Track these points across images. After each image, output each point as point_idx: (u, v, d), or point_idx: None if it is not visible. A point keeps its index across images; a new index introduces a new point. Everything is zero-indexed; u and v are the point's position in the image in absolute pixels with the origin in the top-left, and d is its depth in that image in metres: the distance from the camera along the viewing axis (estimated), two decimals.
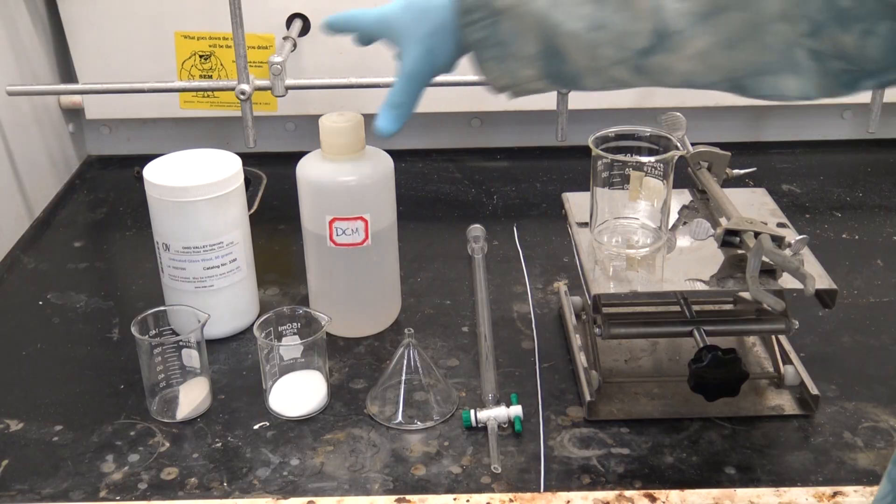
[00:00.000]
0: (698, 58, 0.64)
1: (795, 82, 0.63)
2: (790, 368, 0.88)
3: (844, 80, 0.62)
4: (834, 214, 1.25)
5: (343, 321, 0.96)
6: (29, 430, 0.87)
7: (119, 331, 1.02)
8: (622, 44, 0.65)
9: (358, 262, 0.94)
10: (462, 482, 0.79)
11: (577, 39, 0.67)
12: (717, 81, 0.65)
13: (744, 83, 0.65)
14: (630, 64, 0.66)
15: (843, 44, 0.60)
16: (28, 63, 1.29)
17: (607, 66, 0.67)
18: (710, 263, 0.84)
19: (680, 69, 0.65)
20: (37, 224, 1.27)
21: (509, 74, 0.71)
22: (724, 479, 0.79)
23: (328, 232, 0.92)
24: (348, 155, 0.91)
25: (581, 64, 0.68)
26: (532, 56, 0.69)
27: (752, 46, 0.62)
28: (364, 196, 0.92)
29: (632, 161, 0.84)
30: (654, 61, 0.65)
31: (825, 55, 0.61)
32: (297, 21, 1.28)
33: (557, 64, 0.69)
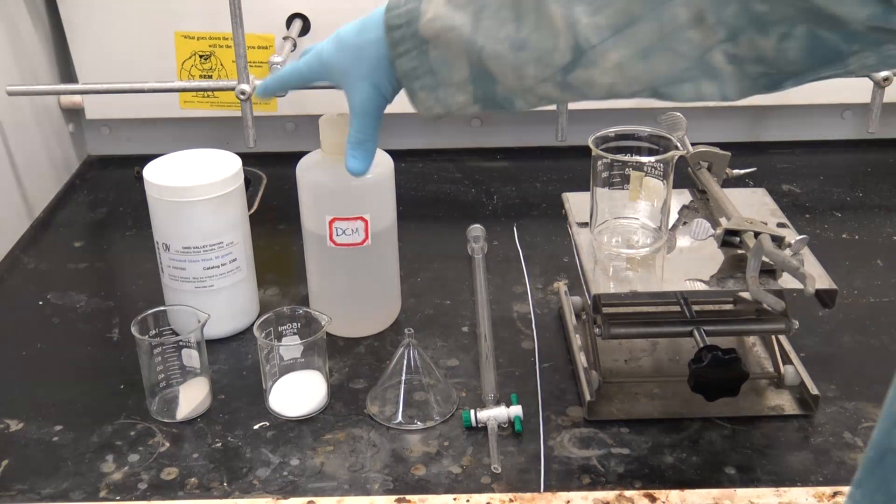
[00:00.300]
0: (617, 69, 0.66)
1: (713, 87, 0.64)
2: (790, 368, 0.88)
3: (764, 83, 0.64)
4: (834, 214, 1.25)
5: (343, 321, 0.96)
6: (29, 430, 0.87)
7: (119, 331, 1.02)
8: (544, 61, 0.67)
9: (358, 262, 0.94)
10: (462, 482, 0.79)
11: (502, 60, 0.68)
12: (638, 91, 0.67)
13: (663, 91, 0.66)
14: (555, 80, 0.68)
15: (761, 48, 0.61)
16: (28, 63, 1.29)
17: (534, 84, 0.69)
18: (710, 263, 0.84)
19: (602, 82, 0.67)
20: (37, 224, 1.27)
21: (441, 103, 0.73)
22: (724, 479, 0.79)
23: (328, 232, 0.92)
24: None
25: (510, 84, 0.70)
26: (463, 81, 0.71)
27: (666, 55, 0.64)
28: (364, 196, 0.91)
29: (632, 161, 0.84)
30: (577, 76, 0.67)
31: (744, 59, 0.62)
32: (297, 21, 1.28)
33: (488, 87, 0.71)
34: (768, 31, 0.60)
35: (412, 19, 0.71)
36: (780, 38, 0.60)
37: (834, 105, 1.42)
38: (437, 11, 0.70)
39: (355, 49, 0.75)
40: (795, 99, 1.39)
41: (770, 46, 0.61)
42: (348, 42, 0.75)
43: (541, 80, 0.69)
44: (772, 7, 0.59)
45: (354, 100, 0.77)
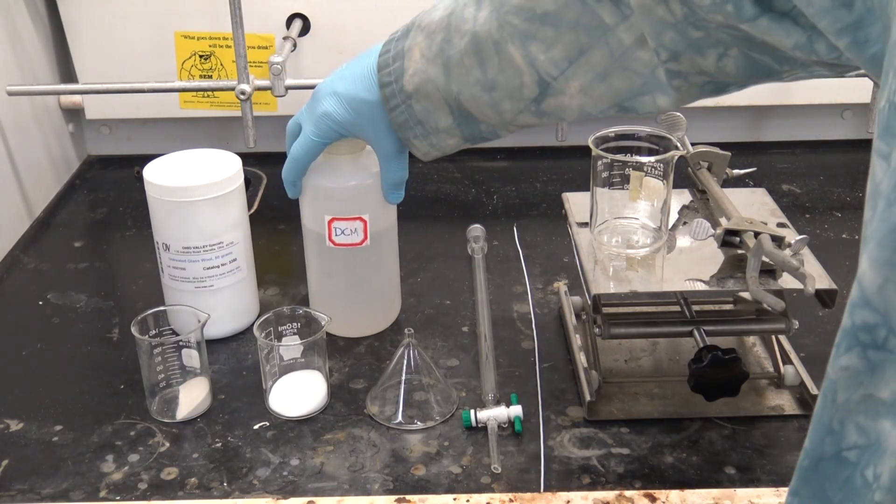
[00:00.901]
0: (582, 93, 0.72)
1: (666, 98, 0.70)
2: (790, 368, 0.88)
3: (710, 89, 0.70)
4: (834, 214, 1.25)
5: (343, 321, 0.96)
6: (29, 430, 0.87)
7: (119, 331, 1.02)
8: (516, 97, 0.74)
9: (357, 262, 0.94)
10: (462, 482, 0.79)
11: (479, 101, 0.75)
12: (606, 108, 0.73)
13: (627, 105, 0.72)
14: (530, 111, 0.74)
15: (702, 65, 0.66)
16: (28, 63, 1.29)
17: (513, 117, 0.76)
18: (710, 263, 0.84)
19: (573, 105, 0.73)
20: (37, 224, 1.27)
21: (435, 148, 0.81)
22: (724, 479, 0.79)
23: (327, 232, 0.92)
24: (349, 154, 0.91)
25: (492, 121, 0.77)
26: (449, 127, 0.78)
27: (622, 74, 0.70)
28: (363, 196, 0.91)
29: (632, 161, 0.84)
30: (549, 104, 0.73)
31: (688, 73, 0.68)
32: (297, 21, 1.28)
33: (472, 126, 0.78)
34: (705, 52, 0.65)
35: (398, 76, 0.77)
36: (718, 58, 0.65)
37: (834, 105, 1.42)
38: (416, 67, 0.76)
39: (371, 106, 0.80)
40: (795, 99, 1.39)
41: (710, 63, 0.66)
42: (361, 101, 0.80)
43: (518, 113, 0.75)
44: (706, 33, 0.64)
45: (385, 148, 0.84)
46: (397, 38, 0.79)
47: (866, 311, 0.40)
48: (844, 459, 0.43)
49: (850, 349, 0.41)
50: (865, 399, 0.41)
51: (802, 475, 0.45)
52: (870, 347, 0.40)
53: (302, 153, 0.86)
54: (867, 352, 0.41)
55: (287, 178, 0.89)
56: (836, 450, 0.43)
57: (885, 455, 0.40)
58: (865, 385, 0.41)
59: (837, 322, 0.41)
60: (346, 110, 0.82)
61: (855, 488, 0.42)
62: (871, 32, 0.45)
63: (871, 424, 0.41)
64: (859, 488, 0.42)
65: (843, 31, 0.46)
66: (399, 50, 0.77)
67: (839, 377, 0.42)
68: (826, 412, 0.43)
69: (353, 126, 0.83)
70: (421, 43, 0.76)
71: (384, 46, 0.80)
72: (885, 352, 0.40)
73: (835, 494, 0.43)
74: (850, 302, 0.41)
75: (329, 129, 0.83)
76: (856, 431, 0.42)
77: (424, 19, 0.77)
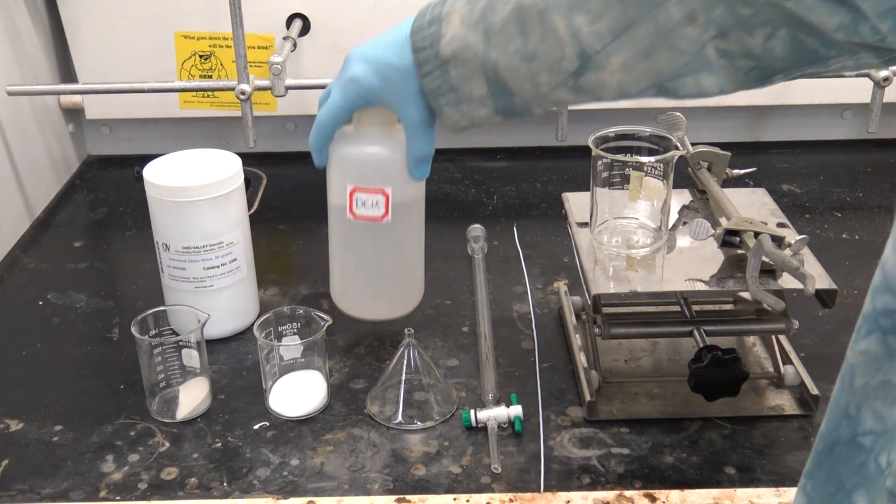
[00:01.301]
0: (623, 70, 0.69)
1: (711, 79, 0.68)
2: (790, 368, 0.88)
3: (756, 77, 0.67)
4: (834, 214, 1.25)
5: (361, 302, 0.94)
6: (29, 430, 0.87)
7: (119, 331, 1.02)
8: (555, 69, 0.71)
9: (377, 238, 0.91)
10: (462, 482, 0.79)
11: (517, 72, 0.73)
12: (645, 88, 0.70)
13: (668, 86, 0.70)
14: (568, 85, 0.72)
15: (749, 45, 0.65)
16: (28, 63, 1.29)
17: (548, 91, 0.73)
18: (710, 263, 0.84)
19: (612, 82, 0.71)
20: (37, 224, 1.27)
21: (466, 117, 0.78)
22: (724, 479, 0.79)
23: (348, 203, 0.89)
24: (379, 127, 0.88)
25: (526, 94, 0.74)
26: (483, 96, 0.76)
27: (667, 52, 0.67)
28: (387, 168, 0.88)
29: (632, 161, 0.84)
30: (587, 79, 0.71)
31: (735, 55, 0.66)
32: (297, 21, 1.28)
33: (506, 98, 0.76)
34: (753, 31, 0.64)
35: (434, 41, 0.75)
36: (766, 38, 0.64)
37: (834, 105, 1.42)
38: (455, 32, 0.74)
39: (399, 72, 0.78)
40: (795, 99, 1.39)
41: (757, 44, 0.64)
42: (391, 66, 0.78)
43: (554, 87, 0.72)
44: (755, 11, 0.63)
45: (413, 116, 0.81)
46: (434, 4, 0.77)
47: (888, 297, 0.40)
48: (859, 445, 0.43)
49: (870, 333, 0.41)
50: (883, 385, 0.41)
51: (817, 458, 0.45)
52: (890, 333, 0.40)
53: (328, 118, 0.84)
54: (887, 337, 0.41)
55: (313, 144, 0.86)
56: (852, 434, 0.43)
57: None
58: (884, 370, 0.41)
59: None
60: (374, 76, 0.80)
61: (868, 474, 0.42)
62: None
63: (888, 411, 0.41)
64: (872, 474, 0.42)
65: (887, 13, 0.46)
66: (436, 15, 0.75)
67: (858, 361, 0.42)
68: (843, 396, 0.43)
69: (381, 92, 0.80)
70: (461, 9, 0.74)
71: (419, 12, 0.77)
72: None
73: (848, 479, 0.43)
74: (873, 287, 0.41)
75: (356, 94, 0.81)
76: (872, 417, 0.42)
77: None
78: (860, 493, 0.43)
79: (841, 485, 0.44)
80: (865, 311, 0.42)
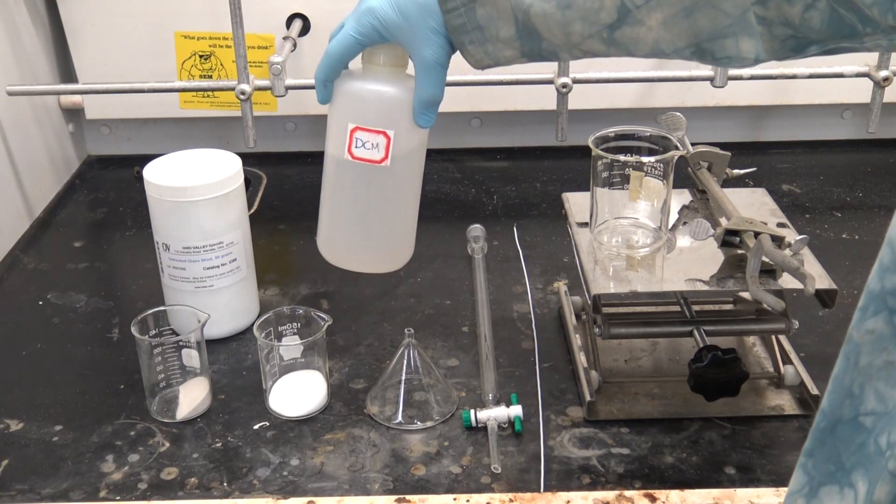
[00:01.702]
0: (662, 26, 0.68)
1: (750, 44, 0.67)
2: (790, 368, 0.88)
3: (791, 45, 0.66)
4: (834, 214, 1.25)
5: (349, 252, 0.90)
6: (29, 430, 0.87)
7: (119, 331, 1.02)
8: (591, 19, 0.69)
9: (373, 184, 0.87)
10: (462, 482, 0.79)
11: (549, 19, 0.70)
12: (682, 47, 0.69)
13: (706, 47, 0.68)
14: (601, 37, 0.70)
15: (788, 14, 0.64)
16: (28, 63, 1.29)
17: (580, 40, 0.71)
18: (710, 263, 0.84)
19: (648, 38, 0.69)
20: (37, 224, 1.27)
21: (490, 56, 0.74)
22: (724, 479, 0.79)
23: (348, 142, 0.85)
24: (389, 68, 0.84)
25: (556, 41, 0.72)
26: (510, 38, 0.72)
27: (710, 13, 0.66)
28: (391, 109, 0.84)
29: (632, 161, 0.84)
30: (623, 33, 0.69)
31: (773, 22, 0.65)
32: (297, 21, 1.28)
33: (534, 43, 0.73)
34: (793, 1, 0.63)
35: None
36: (805, 8, 0.63)
37: (834, 105, 1.42)
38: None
39: (421, 7, 0.75)
40: (795, 99, 1.39)
41: (796, 14, 0.64)
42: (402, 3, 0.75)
43: (587, 37, 0.70)
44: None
45: (426, 55, 0.77)
46: None
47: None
48: (860, 425, 0.42)
49: (877, 313, 0.41)
50: (887, 365, 0.41)
51: (818, 436, 0.45)
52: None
53: (338, 50, 0.79)
54: (894, 317, 0.40)
55: (318, 76, 0.82)
56: (854, 414, 0.43)
57: None
58: (889, 351, 0.41)
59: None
60: (392, 8, 0.76)
61: (868, 454, 0.42)
62: None
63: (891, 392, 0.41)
64: (872, 454, 0.42)
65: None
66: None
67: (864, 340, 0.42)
68: (847, 375, 0.43)
69: (396, 27, 0.76)
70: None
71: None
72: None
73: (847, 459, 0.43)
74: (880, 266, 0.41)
75: (370, 26, 0.77)
76: (874, 397, 0.42)
77: None
78: (859, 473, 0.43)
79: (841, 464, 0.44)
80: (872, 289, 0.41)
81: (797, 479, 0.47)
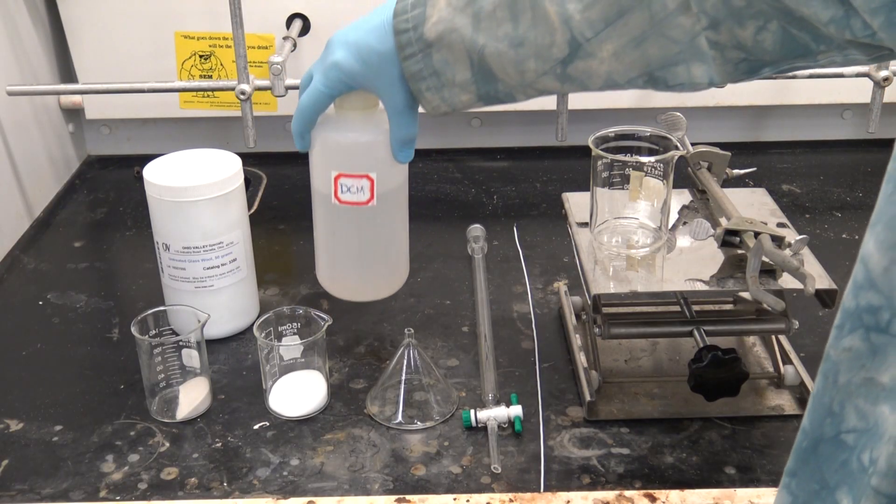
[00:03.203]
0: (614, 57, 0.69)
1: (702, 69, 0.68)
2: (790, 368, 0.88)
3: (745, 68, 0.67)
4: (834, 214, 1.25)
5: (347, 284, 0.93)
6: (29, 430, 0.87)
7: (119, 331, 1.02)
8: (544, 56, 0.70)
9: (363, 222, 0.90)
10: (462, 482, 0.79)
11: (503, 58, 0.71)
12: (635, 77, 0.70)
13: (658, 75, 0.69)
14: (555, 73, 0.71)
15: (740, 37, 0.65)
16: (28, 63, 1.29)
17: (535, 78, 0.72)
18: (710, 263, 0.84)
19: (601, 70, 0.70)
20: (37, 224, 1.27)
21: (447, 102, 0.76)
22: (724, 479, 0.79)
23: (333, 189, 0.88)
24: (360, 110, 0.87)
25: (512, 81, 0.73)
26: (466, 81, 0.74)
27: (659, 41, 0.67)
28: (371, 153, 0.87)
29: (632, 161, 0.84)
30: (576, 67, 0.70)
31: (725, 46, 0.66)
32: (297, 21, 1.28)
33: (490, 84, 0.74)
34: (745, 23, 0.64)
35: (418, 24, 0.73)
36: (757, 31, 0.64)
37: (834, 105, 1.42)
38: (441, 15, 0.72)
39: (380, 56, 0.76)
40: (795, 99, 1.39)
41: (748, 36, 0.64)
42: (372, 50, 0.76)
43: (541, 74, 0.71)
44: (748, 2, 0.63)
45: (395, 101, 0.79)
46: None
47: (871, 293, 0.40)
48: (842, 442, 0.43)
49: (853, 331, 0.41)
50: (866, 382, 0.41)
51: (800, 456, 0.45)
52: (873, 330, 0.40)
53: (309, 104, 0.82)
54: (870, 334, 0.41)
55: (295, 129, 0.85)
56: (836, 432, 0.43)
57: (881, 440, 0.40)
58: (867, 368, 0.41)
59: None
60: (355, 60, 0.78)
61: (851, 472, 0.42)
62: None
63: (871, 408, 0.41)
64: (855, 472, 0.42)
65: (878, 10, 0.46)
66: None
67: (841, 358, 0.42)
68: (827, 393, 0.43)
69: (362, 77, 0.78)
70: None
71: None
72: (888, 335, 0.40)
73: (831, 477, 0.43)
74: (854, 283, 0.41)
75: (337, 79, 0.79)
76: (855, 415, 0.42)
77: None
78: (843, 491, 0.43)
79: (825, 483, 0.44)
80: (847, 307, 0.42)
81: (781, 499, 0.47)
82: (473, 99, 0.75)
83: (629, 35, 0.67)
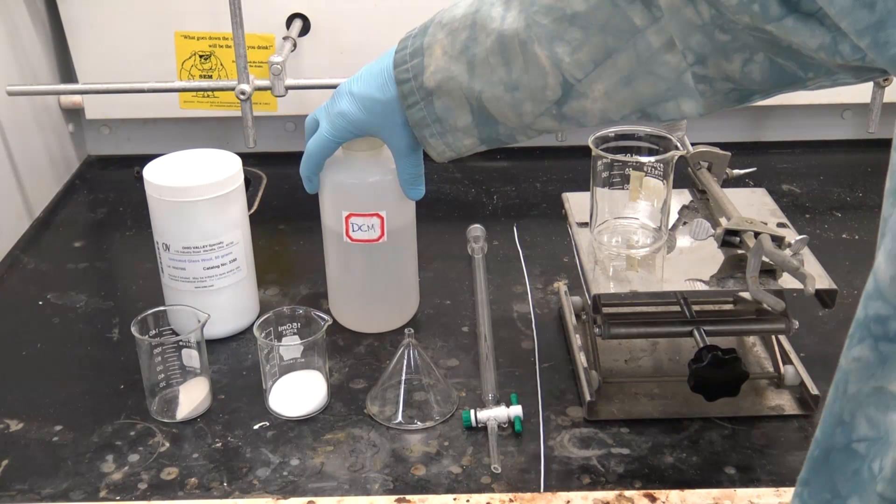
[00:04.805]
0: (605, 97, 0.71)
1: (691, 104, 0.70)
2: (790, 368, 0.88)
3: (735, 97, 0.70)
4: (834, 214, 1.25)
5: (360, 317, 0.97)
6: (29, 430, 0.87)
7: (119, 331, 1.02)
8: (538, 98, 0.73)
9: (375, 258, 0.94)
10: (462, 482, 0.79)
11: (500, 102, 0.75)
12: (628, 114, 0.73)
13: (649, 111, 0.72)
14: (551, 114, 0.74)
15: (727, 70, 0.67)
16: (28, 63, 1.29)
17: (532, 119, 0.75)
18: (710, 263, 0.84)
19: (594, 109, 0.73)
20: (37, 224, 1.27)
21: (451, 147, 0.80)
22: (724, 479, 0.79)
23: (344, 227, 0.92)
24: (367, 151, 0.91)
25: (511, 123, 0.77)
26: (467, 126, 0.78)
27: (648, 79, 0.69)
28: (380, 193, 0.91)
29: (632, 161, 0.84)
30: (570, 107, 0.73)
31: (714, 79, 0.68)
32: (297, 21, 1.28)
33: (491, 127, 0.78)
34: (731, 57, 0.65)
35: (417, 73, 0.77)
36: (744, 63, 0.65)
37: (834, 105, 1.42)
38: (438, 64, 0.75)
39: (383, 105, 0.81)
40: (795, 99, 1.38)
41: (735, 69, 0.66)
42: (375, 99, 0.81)
43: (538, 116, 0.75)
44: (733, 36, 0.64)
45: (400, 145, 0.84)
46: (414, 35, 0.78)
47: (879, 303, 0.40)
48: (854, 452, 0.43)
49: (862, 340, 0.42)
50: (876, 391, 0.41)
51: (813, 465, 0.45)
52: (881, 339, 0.41)
53: (317, 150, 0.87)
54: (878, 344, 0.41)
55: (303, 173, 0.89)
56: (847, 441, 0.43)
57: (890, 448, 0.40)
58: (877, 377, 0.41)
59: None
60: (359, 110, 0.82)
61: (862, 481, 0.42)
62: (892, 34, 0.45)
63: (881, 417, 0.41)
64: (867, 481, 0.42)
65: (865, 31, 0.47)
66: (417, 47, 0.77)
67: (851, 368, 0.43)
68: (838, 402, 0.44)
69: (367, 125, 0.83)
70: (443, 40, 0.75)
71: (400, 44, 0.79)
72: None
73: (843, 486, 0.44)
74: (865, 293, 0.41)
75: (343, 128, 0.84)
76: (866, 424, 0.42)
77: (446, 16, 0.77)
78: (854, 501, 0.43)
79: (836, 492, 0.44)
80: (858, 317, 0.42)
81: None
82: (476, 142, 0.79)
83: (618, 74, 0.69)
